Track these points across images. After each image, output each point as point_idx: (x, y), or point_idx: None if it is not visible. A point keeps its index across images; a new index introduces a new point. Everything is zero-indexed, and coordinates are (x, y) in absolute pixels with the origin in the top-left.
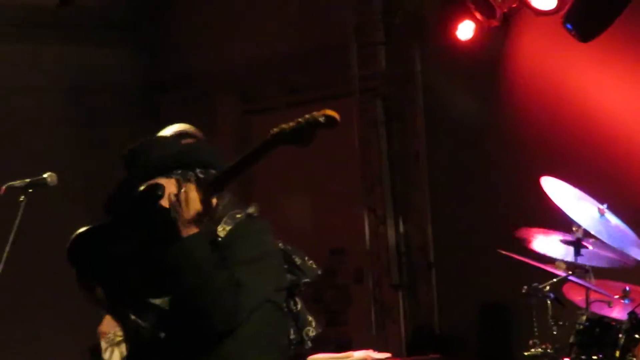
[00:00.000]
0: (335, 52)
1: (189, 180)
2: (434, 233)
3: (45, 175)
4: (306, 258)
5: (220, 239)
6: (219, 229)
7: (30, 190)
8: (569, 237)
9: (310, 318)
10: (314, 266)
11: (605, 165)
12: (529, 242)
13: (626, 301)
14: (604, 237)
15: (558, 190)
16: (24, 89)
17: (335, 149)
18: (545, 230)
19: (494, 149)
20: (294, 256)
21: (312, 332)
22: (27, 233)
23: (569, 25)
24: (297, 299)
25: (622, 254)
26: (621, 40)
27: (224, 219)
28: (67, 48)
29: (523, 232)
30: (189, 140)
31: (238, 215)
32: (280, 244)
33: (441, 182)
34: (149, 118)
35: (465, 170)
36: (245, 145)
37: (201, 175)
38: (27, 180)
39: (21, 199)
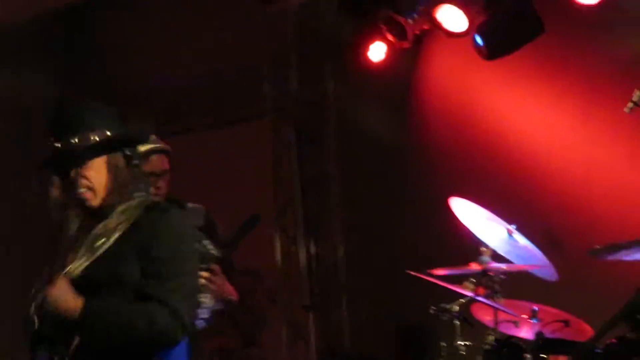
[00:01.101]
0: (249, 74)
1: (117, 163)
2: (345, 254)
3: None
4: (204, 242)
5: (119, 234)
6: (112, 223)
7: None
8: (475, 270)
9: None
10: (212, 251)
11: (514, 186)
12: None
13: (534, 321)
14: (512, 258)
15: (467, 211)
16: None
17: (248, 170)
18: (453, 268)
19: (405, 170)
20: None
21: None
22: None
23: (478, 40)
24: None
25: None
26: (530, 62)
27: (120, 209)
28: None
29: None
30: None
31: (134, 203)
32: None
33: (353, 203)
34: None
35: (377, 192)
36: None
37: (129, 153)
38: None
39: None
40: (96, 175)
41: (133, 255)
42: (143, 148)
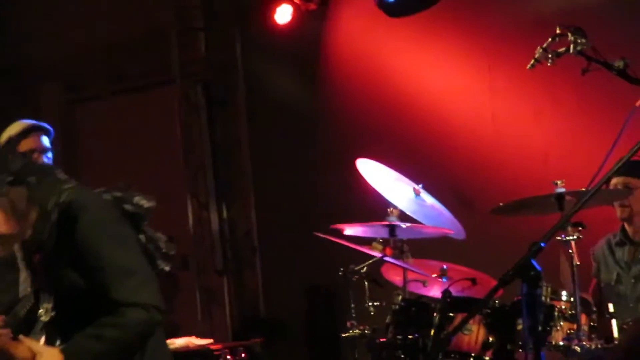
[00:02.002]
0: (156, 39)
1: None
2: (257, 218)
3: None
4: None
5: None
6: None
7: None
8: (383, 224)
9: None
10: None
11: (421, 146)
12: (343, 230)
13: (444, 279)
14: (419, 217)
15: (374, 172)
16: None
17: (158, 136)
18: (358, 223)
19: (315, 132)
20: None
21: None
22: None
23: None
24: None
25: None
26: (437, 22)
27: (39, 232)
28: None
29: (338, 225)
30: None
31: (49, 211)
32: (107, 197)
33: (264, 167)
34: None
35: (287, 155)
36: (70, 135)
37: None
38: None
39: None
40: None
41: (76, 270)
42: (19, 127)
